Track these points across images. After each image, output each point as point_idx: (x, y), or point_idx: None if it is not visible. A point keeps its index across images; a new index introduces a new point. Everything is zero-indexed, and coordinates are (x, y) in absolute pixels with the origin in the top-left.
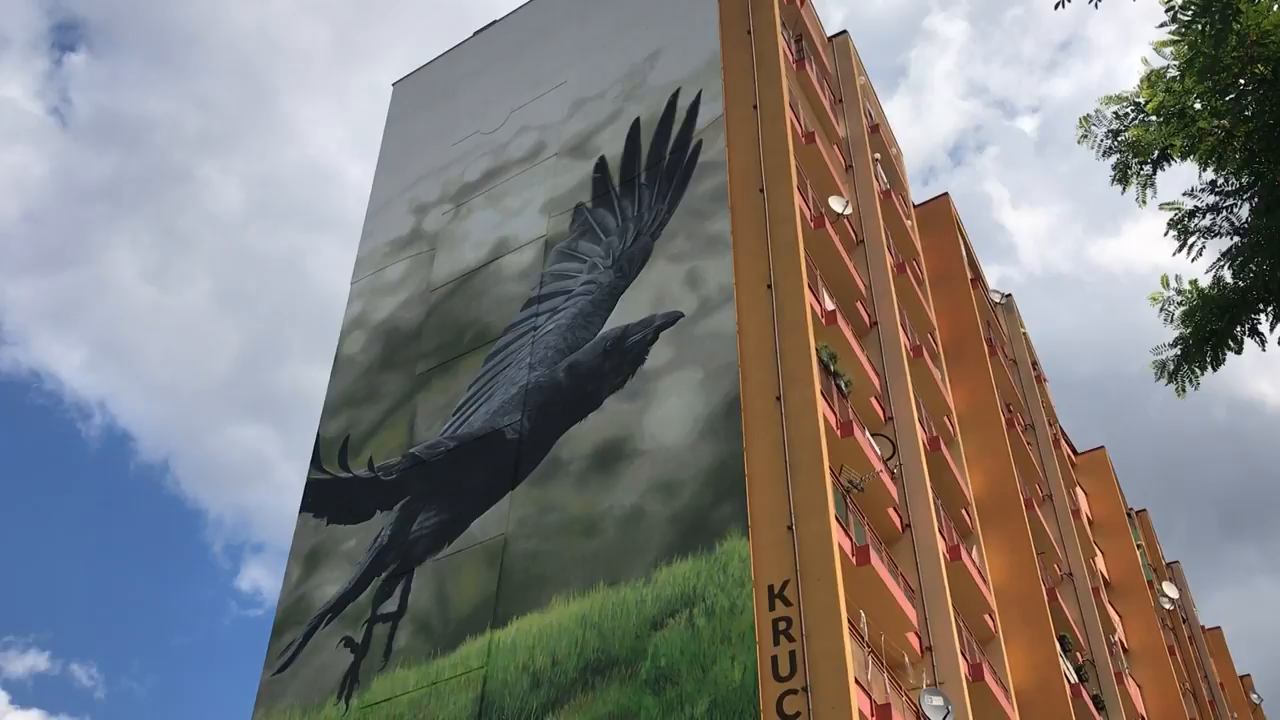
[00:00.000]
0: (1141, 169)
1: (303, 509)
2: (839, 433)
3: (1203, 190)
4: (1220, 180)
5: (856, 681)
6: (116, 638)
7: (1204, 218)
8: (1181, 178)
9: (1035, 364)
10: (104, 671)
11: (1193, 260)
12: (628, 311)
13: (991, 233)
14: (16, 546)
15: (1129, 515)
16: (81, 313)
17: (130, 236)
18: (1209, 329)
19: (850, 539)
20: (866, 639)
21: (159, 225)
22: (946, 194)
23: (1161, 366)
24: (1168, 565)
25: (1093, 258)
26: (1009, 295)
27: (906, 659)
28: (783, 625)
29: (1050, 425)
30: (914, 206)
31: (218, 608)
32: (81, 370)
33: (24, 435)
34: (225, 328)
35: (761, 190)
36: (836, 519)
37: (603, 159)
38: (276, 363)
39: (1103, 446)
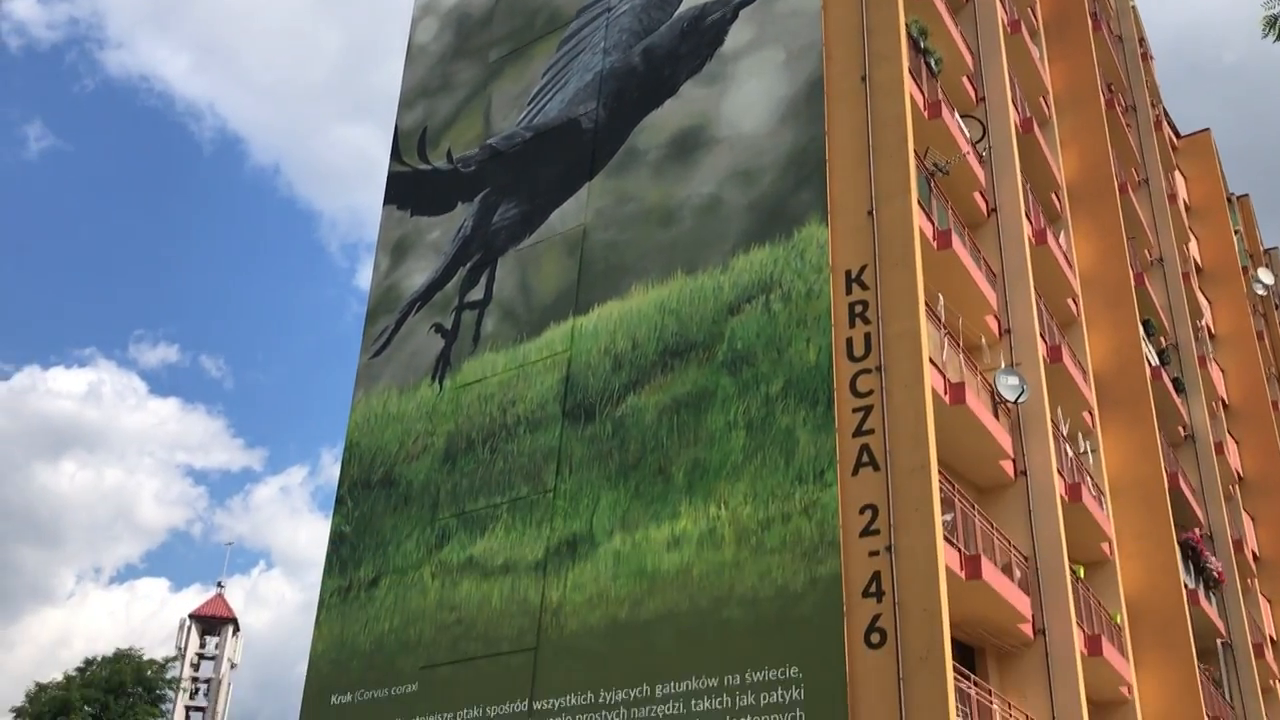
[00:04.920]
0: None
1: (386, 201)
2: (926, 114)
3: None
4: None
5: (931, 361)
6: (242, 332)
7: None
8: None
9: (1143, 40)
10: (231, 364)
11: None
12: None
13: None
14: (141, 244)
15: (1229, 200)
16: (181, 15)
17: None
18: None
19: (932, 223)
20: (944, 321)
21: None
22: None
23: (1272, 21)
24: (1266, 252)
25: None
26: None
27: (984, 341)
28: (859, 309)
29: (1153, 106)
30: None
31: (338, 305)
32: (188, 73)
33: (140, 136)
34: (324, 27)
35: None
36: (919, 203)
37: None
38: (376, 62)
39: (1207, 129)
